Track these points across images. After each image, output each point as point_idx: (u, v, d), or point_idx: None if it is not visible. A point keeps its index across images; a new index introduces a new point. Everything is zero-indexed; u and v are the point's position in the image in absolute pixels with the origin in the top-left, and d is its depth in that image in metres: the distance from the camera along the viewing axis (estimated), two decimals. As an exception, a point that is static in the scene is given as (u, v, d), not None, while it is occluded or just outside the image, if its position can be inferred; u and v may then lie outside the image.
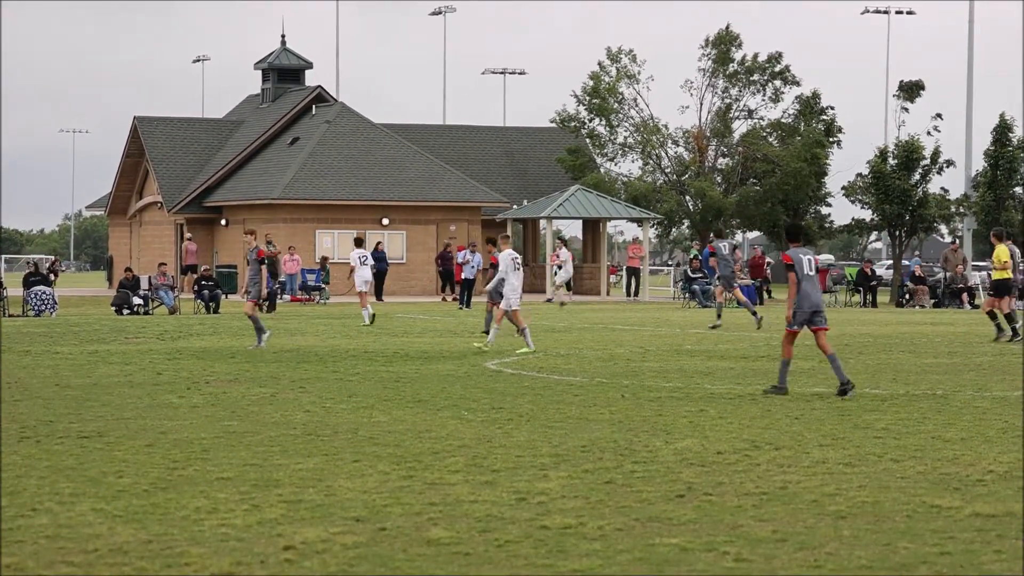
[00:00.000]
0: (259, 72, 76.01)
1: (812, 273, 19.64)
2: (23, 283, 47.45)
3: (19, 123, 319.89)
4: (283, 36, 76.54)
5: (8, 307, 45.25)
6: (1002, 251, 30.86)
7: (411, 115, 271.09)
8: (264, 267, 28.97)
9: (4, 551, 9.52)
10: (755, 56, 77.95)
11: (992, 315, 30.81)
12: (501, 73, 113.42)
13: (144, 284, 48.61)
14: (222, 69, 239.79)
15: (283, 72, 75.16)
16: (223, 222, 68.71)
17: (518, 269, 28.59)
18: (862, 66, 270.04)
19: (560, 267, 57.40)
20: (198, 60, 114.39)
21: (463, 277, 53.07)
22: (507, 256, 28.62)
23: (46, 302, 44.78)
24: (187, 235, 67.38)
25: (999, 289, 30.80)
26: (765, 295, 56.60)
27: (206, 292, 47.68)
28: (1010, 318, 30.66)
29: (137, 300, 47.31)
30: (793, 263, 19.44)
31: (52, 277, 50.59)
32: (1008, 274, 30.86)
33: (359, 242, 40.60)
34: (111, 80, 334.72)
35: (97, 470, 12.80)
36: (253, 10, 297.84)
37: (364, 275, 39.12)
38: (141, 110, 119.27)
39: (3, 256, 70.44)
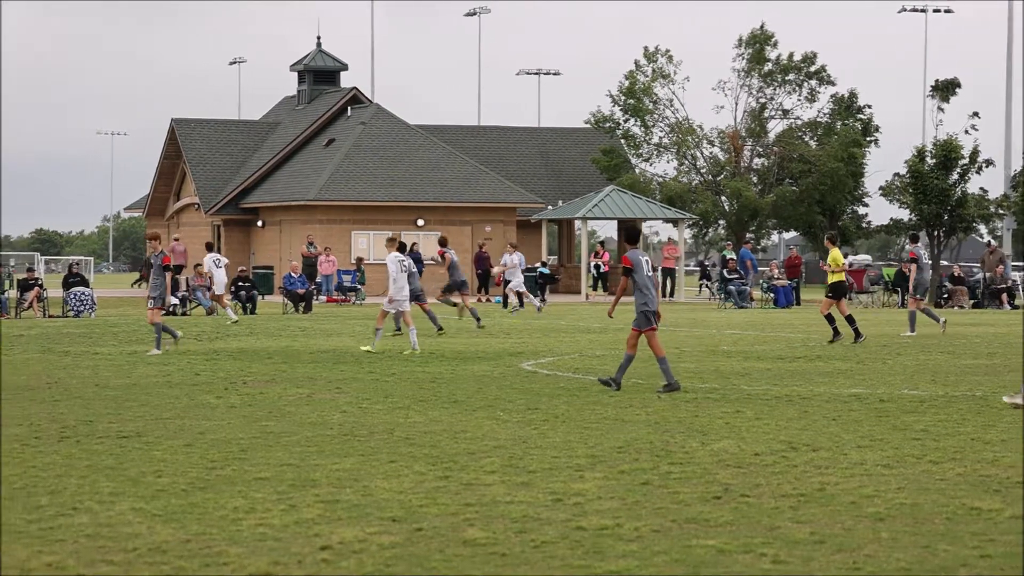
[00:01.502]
0: (295, 74, 76.24)
1: (651, 274, 20.36)
2: (63, 284, 47.73)
3: (58, 126, 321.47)
4: (319, 38, 76.72)
5: (48, 307, 45.51)
6: (837, 254, 31.13)
7: (446, 116, 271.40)
8: (168, 274, 27.87)
9: (45, 550, 9.57)
10: (790, 55, 77.74)
11: (830, 318, 30.59)
12: (536, 74, 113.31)
13: (182, 285, 48.80)
14: (258, 71, 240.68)
15: (319, 74, 75.35)
16: (259, 223, 68.91)
17: (404, 271, 28.79)
18: (900, 65, 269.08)
19: (596, 268, 57.22)
20: (234, 62, 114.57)
21: (504, 279, 53.06)
22: (393, 258, 28.80)
23: (85, 303, 45.02)
24: (174, 236, 67.39)
25: (836, 291, 30.79)
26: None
27: (243, 293, 47.81)
28: (829, 319, 30.58)
29: (174, 300, 47.48)
30: (632, 266, 20.07)
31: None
32: (842, 276, 31.00)
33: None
34: (149, 83, 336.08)
35: (136, 470, 12.86)
36: (289, 12, 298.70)
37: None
38: (179, 112, 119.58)
39: (43, 257, 70.79)
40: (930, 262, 35.59)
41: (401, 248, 37.47)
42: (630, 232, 21.11)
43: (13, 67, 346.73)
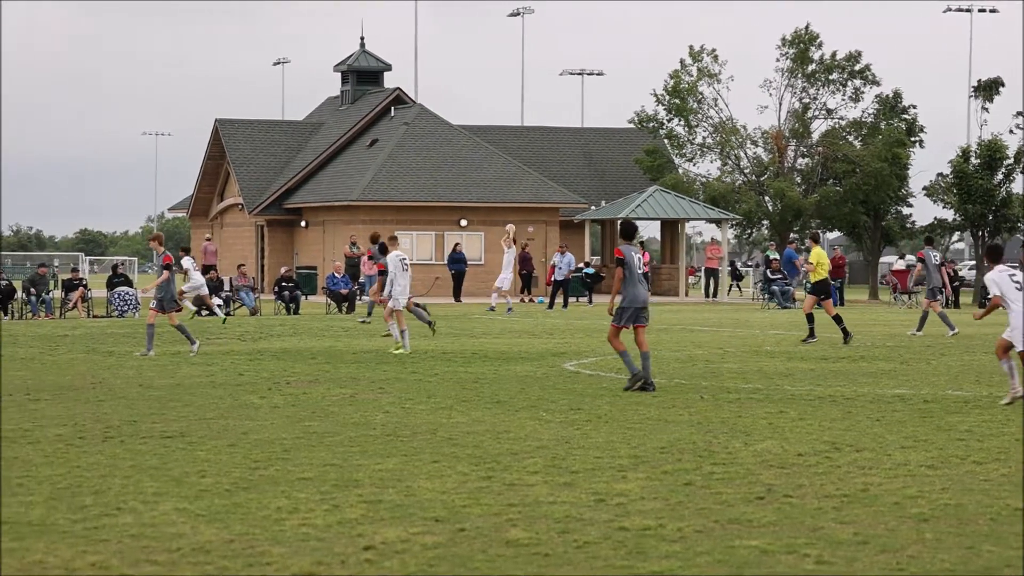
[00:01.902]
0: (339, 74, 76.43)
1: (641, 271, 20.54)
2: (107, 284, 47.98)
3: (103, 126, 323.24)
4: (362, 38, 76.89)
5: (92, 308, 45.76)
6: (820, 252, 30.99)
7: (489, 116, 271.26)
8: (166, 273, 27.66)
9: (90, 550, 9.63)
10: (834, 55, 77.41)
11: (810, 317, 30.57)
12: (579, 74, 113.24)
13: (225, 285, 48.99)
14: (302, 71, 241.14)
15: (362, 74, 75.50)
16: (303, 224, 69.11)
17: (406, 270, 28.77)
18: (944, 65, 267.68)
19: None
20: (278, 63, 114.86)
21: (553, 279, 53.10)
22: (395, 257, 28.70)
23: (129, 303, 45.25)
24: (206, 236, 67.55)
25: (820, 290, 30.70)
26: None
27: (286, 293, 47.97)
28: (809, 319, 30.49)
29: (218, 301, 47.65)
30: (624, 258, 20.32)
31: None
32: (825, 274, 30.90)
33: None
34: (193, 83, 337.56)
35: (180, 470, 12.92)
36: (333, 13, 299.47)
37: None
38: (223, 113, 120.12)
39: (88, 258, 71.11)
40: (938, 263, 35.67)
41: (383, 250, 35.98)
42: (625, 227, 21.12)
43: (59, 67, 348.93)
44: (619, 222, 21.22)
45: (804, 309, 31.43)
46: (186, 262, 40.61)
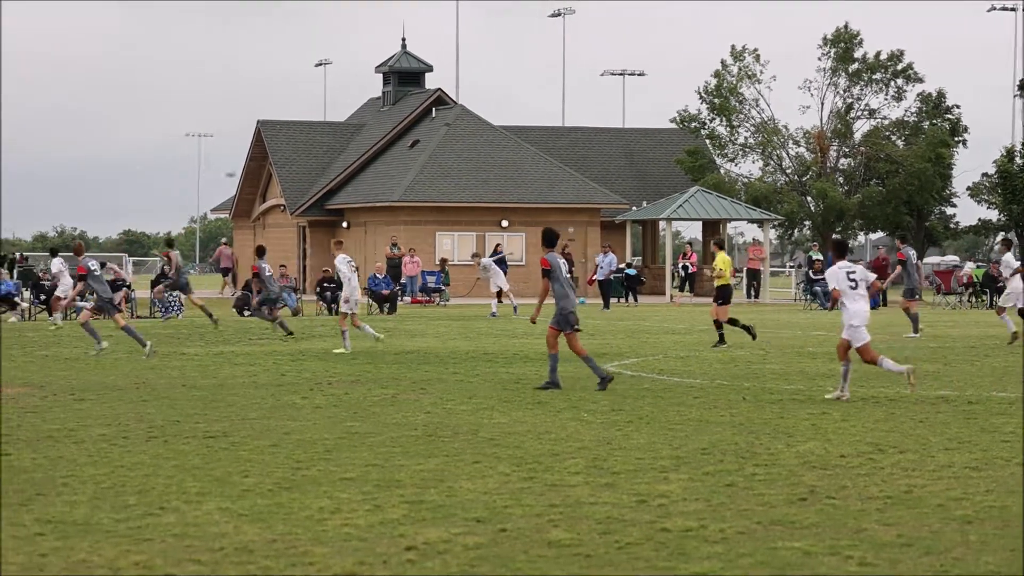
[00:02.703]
0: (380, 75, 76.57)
1: (567, 277, 20.89)
2: (151, 285, 48.25)
3: (146, 128, 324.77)
4: (403, 39, 76.99)
5: (136, 308, 45.99)
6: (724, 258, 30.52)
7: (530, 117, 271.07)
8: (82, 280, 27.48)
9: (133, 549, 9.67)
10: (877, 54, 77.12)
11: (718, 324, 30.18)
12: (620, 74, 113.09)
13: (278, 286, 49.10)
14: (343, 72, 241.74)
15: (404, 75, 75.62)
16: (344, 225, 69.26)
17: (355, 271, 29.18)
18: (988, 64, 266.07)
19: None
20: (320, 64, 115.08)
21: (595, 279, 53.05)
22: (342, 260, 29.31)
23: (173, 304, 45.47)
24: (223, 239, 67.61)
25: (723, 296, 30.25)
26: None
27: (328, 294, 48.09)
28: (720, 324, 30.02)
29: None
30: (551, 267, 20.57)
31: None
32: (728, 280, 30.37)
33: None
34: (235, 85, 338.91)
35: (223, 470, 12.96)
36: (374, 14, 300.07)
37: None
38: (264, 114, 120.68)
39: (131, 258, 71.43)
40: (917, 263, 35.53)
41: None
42: (547, 235, 21.24)
43: (103, 68, 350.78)
44: (542, 230, 21.34)
45: (711, 315, 31.00)
46: (55, 264, 40.47)
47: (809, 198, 76.66)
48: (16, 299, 45.02)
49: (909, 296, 33.97)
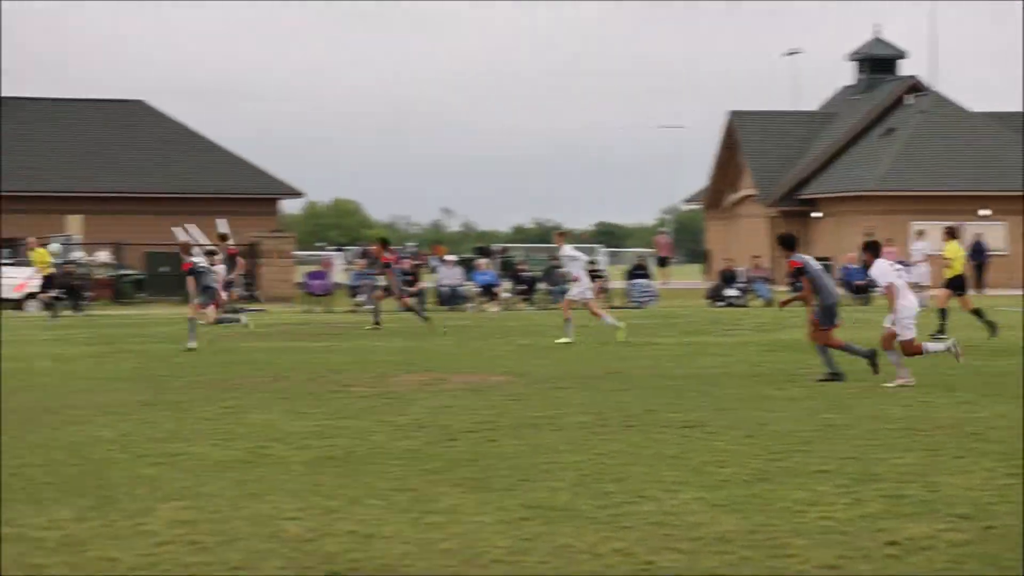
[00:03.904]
0: (851, 63, 75.45)
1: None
2: (627, 276, 49.19)
3: (621, 122, 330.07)
4: (876, 26, 75.67)
5: (611, 298, 46.93)
6: (952, 248, 29.03)
7: (1015, 101, 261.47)
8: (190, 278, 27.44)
9: (613, 536, 9.82)
10: None
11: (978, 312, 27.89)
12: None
13: (740, 277, 49.32)
14: (814, 61, 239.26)
15: (876, 62, 74.31)
16: (817, 214, 68.59)
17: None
18: None
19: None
20: (790, 53, 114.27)
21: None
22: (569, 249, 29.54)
23: (647, 294, 46.25)
24: (661, 229, 66.88)
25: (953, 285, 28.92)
26: None
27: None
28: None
29: (732, 292, 47.97)
30: (805, 267, 20.79)
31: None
32: (958, 270, 28.95)
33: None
34: (705, 77, 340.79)
35: (699, 459, 13.01)
36: (846, 1, 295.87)
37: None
38: (733, 104, 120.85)
39: (607, 249, 72.83)
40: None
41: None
42: (785, 240, 21.47)
43: (585, 67, 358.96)
44: (777, 235, 20.83)
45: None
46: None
47: None
48: (495, 289, 46.66)
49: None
